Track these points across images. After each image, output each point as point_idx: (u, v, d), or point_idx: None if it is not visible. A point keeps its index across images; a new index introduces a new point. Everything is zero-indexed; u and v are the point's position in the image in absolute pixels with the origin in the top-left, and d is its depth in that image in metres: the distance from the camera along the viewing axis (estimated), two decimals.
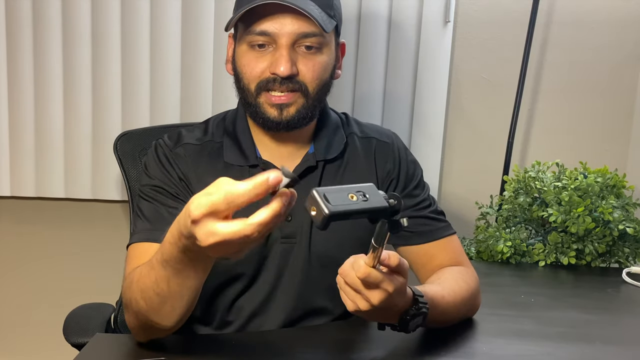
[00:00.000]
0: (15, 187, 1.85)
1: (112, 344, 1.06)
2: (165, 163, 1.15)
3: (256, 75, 1.11)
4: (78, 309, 1.38)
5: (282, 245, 1.16)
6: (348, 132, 1.25)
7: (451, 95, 1.84)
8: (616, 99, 1.85)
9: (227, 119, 1.23)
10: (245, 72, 1.13)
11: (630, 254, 1.57)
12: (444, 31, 1.77)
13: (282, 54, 1.08)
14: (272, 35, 1.09)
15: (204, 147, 1.18)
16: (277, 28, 1.08)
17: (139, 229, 1.11)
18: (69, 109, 1.80)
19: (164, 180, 1.14)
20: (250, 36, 1.10)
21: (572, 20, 1.81)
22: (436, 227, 1.22)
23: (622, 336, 1.16)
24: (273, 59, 1.09)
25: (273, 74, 1.09)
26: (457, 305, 1.07)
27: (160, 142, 1.19)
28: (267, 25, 1.08)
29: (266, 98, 1.11)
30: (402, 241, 1.23)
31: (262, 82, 1.11)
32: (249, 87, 1.12)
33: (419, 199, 1.23)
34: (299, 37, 1.09)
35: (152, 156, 1.18)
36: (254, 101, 1.13)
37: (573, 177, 1.57)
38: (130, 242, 1.10)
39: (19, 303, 2.00)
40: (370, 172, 1.23)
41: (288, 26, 1.08)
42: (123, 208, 1.90)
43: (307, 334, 1.14)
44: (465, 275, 1.15)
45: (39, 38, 1.77)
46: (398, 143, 1.27)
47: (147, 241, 1.07)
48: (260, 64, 1.11)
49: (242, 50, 1.13)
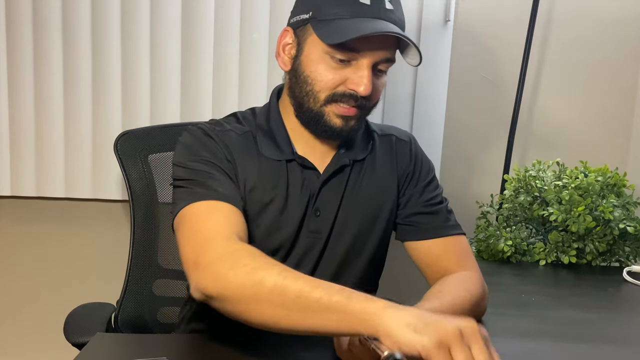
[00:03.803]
0: (16, 186, 1.85)
1: (113, 344, 1.06)
2: (214, 143, 1.13)
3: (330, 86, 1.09)
4: (78, 309, 1.38)
5: (309, 239, 1.17)
6: (370, 132, 1.26)
7: (451, 95, 1.84)
8: (616, 97, 1.85)
9: (259, 116, 1.21)
10: (318, 80, 1.09)
11: (631, 252, 1.57)
12: (444, 30, 1.77)
13: (366, 74, 1.07)
14: (359, 53, 1.07)
15: (244, 137, 1.17)
16: (367, 48, 1.06)
17: (195, 190, 1.03)
18: (69, 109, 1.80)
19: (212, 156, 1.10)
20: (335, 48, 1.06)
21: (572, 19, 1.81)
22: (444, 224, 1.23)
23: (623, 335, 1.15)
24: (354, 75, 1.07)
25: (352, 89, 1.08)
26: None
27: (203, 126, 1.16)
28: (360, 44, 1.05)
29: (335, 109, 1.10)
30: (409, 236, 1.24)
31: (337, 94, 1.09)
32: (318, 95, 1.10)
33: (430, 195, 1.24)
34: (382, 61, 1.09)
35: (198, 135, 1.14)
36: (319, 109, 1.11)
37: (573, 176, 1.57)
38: (188, 202, 1.01)
39: (19, 303, 2.00)
40: (391, 168, 1.24)
41: (377, 49, 1.07)
42: (123, 208, 1.90)
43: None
44: (468, 283, 1.14)
45: (39, 38, 1.77)
46: (415, 143, 1.30)
47: (214, 199, 1.01)
48: (337, 76, 1.08)
49: (318, 55, 1.09)
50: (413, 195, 1.24)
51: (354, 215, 1.20)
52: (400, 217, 1.25)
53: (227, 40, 1.77)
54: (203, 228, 0.97)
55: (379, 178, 1.23)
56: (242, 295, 0.86)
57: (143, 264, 1.41)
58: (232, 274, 0.87)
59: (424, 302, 1.07)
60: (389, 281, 1.48)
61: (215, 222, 0.98)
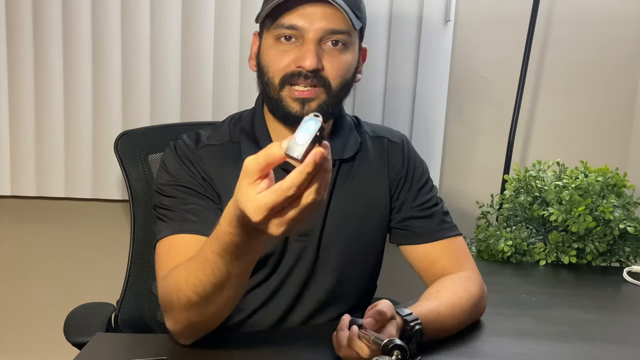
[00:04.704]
0: (16, 186, 1.85)
1: (113, 344, 1.06)
2: (188, 163, 1.15)
3: (281, 68, 1.10)
4: (78, 309, 1.38)
5: (297, 243, 1.17)
6: (360, 132, 1.25)
7: (451, 95, 1.84)
8: (617, 98, 1.85)
9: (244, 119, 1.22)
10: (270, 65, 1.12)
11: (631, 253, 1.57)
12: (444, 30, 1.77)
13: (309, 48, 1.08)
14: (300, 30, 1.08)
15: (223, 149, 1.17)
16: (306, 22, 1.08)
17: (167, 223, 1.09)
18: (69, 109, 1.80)
19: (187, 179, 1.13)
20: (278, 30, 1.10)
21: (572, 19, 1.81)
22: (440, 227, 1.22)
23: (623, 335, 1.15)
24: (299, 53, 1.09)
25: (298, 67, 1.09)
26: (456, 317, 1.06)
27: (180, 143, 1.18)
28: (297, 19, 1.08)
29: (289, 92, 1.10)
30: (404, 240, 1.23)
31: (287, 75, 1.10)
32: (273, 81, 1.12)
33: (424, 198, 1.24)
34: (327, 33, 1.09)
35: (173, 155, 1.17)
36: (277, 95, 1.12)
37: (574, 176, 1.57)
38: (159, 237, 1.08)
39: (19, 302, 2.00)
40: (383, 170, 1.24)
41: (317, 21, 1.08)
42: (123, 207, 1.90)
43: (308, 332, 1.14)
44: (467, 283, 1.14)
45: (39, 38, 1.77)
46: (408, 144, 1.29)
47: (178, 233, 1.06)
48: (286, 58, 1.10)
49: (268, 43, 1.12)
50: (407, 199, 1.23)
51: (345, 217, 1.19)
52: (395, 221, 1.24)
53: (227, 40, 1.77)
54: (159, 267, 1.06)
55: (370, 180, 1.22)
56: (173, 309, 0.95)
57: (143, 264, 1.41)
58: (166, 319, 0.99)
59: (422, 302, 1.07)
60: (389, 281, 1.48)
61: (168, 260, 1.03)
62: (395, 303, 1.06)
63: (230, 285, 0.89)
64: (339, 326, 0.94)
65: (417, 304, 1.05)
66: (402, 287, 1.55)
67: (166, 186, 1.14)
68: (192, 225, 1.07)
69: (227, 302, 0.93)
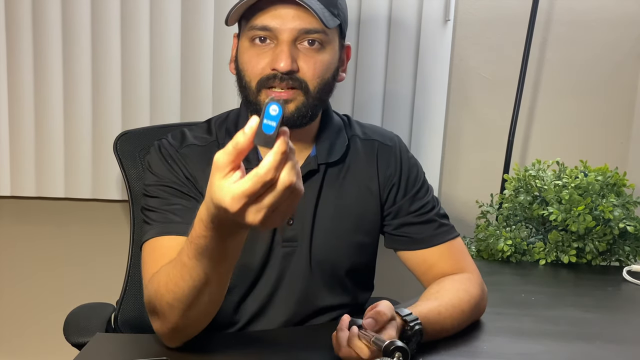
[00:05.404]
0: (16, 186, 1.85)
1: (113, 344, 1.06)
2: (172, 162, 1.14)
3: (257, 73, 1.09)
4: (78, 309, 1.38)
5: (284, 248, 1.16)
6: (350, 135, 1.23)
7: (451, 94, 1.84)
8: (616, 97, 1.85)
9: (229, 120, 1.21)
10: (246, 70, 1.11)
11: (631, 252, 1.57)
12: (444, 30, 1.77)
13: (283, 49, 1.07)
14: (273, 31, 1.07)
15: (208, 148, 1.16)
16: (278, 23, 1.07)
17: (151, 225, 1.09)
18: (69, 109, 1.80)
19: (171, 178, 1.13)
20: (251, 31, 1.09)
21: (572, 19, 1.81)
22: (437, 232, 1.21)
23: (623, 335, 1.15)
24: (274, 55, 1.08)
25: (273, 69, 1.08)
26: (456, 318, 1.06)
27: (164, 142, 1.18)
28: (269, 20, 1.07)
29: (266, 95, 1.09)
30: (402, 246, 1.22)
31: (263, 79, 1.09)
32: (250, 85, 1.11)
33: (420, 203, 1.22)
34: (301, 33, 1.07)
35: (157, 155, 1.16)
36: (255, 99, 1.11)
37: (573, 176, 1.57)
38: (144, 239, 1.08)
39: (19, 303, 2.00)
40: (372, 175, 1.22)
41: (290, 21, 1.06)
42: (123, 208, 1.90)
43: (308, 333, 1.14)
44: (467, 284, 1.14)
45: (39, 38, 1.77)
46: (400, 146, 1.26)
47: (162, 235, 1.06)
48: (261, 61, 1.09)
49: (244, 47, 1.11)
50: (403, 205, 1.22)
51: (334, 221, 1.18)
52: (392, 227, 1.22)
53: (227, 40, 1.77)
54: (144, 271, 1.06)
55: (358, 184, 1.20)
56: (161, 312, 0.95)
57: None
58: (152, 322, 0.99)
59: (422, 302, 1.06)
60: (389, 281, 1.48)
61: (153, 263, 1.03)
62: (395, 303, 1.06)
63: (209, 289, 0.89)
64: (339, 326, 0.94)
65: (417, 304, 1.04)
66: (402, 287, 1.56)
67: (151, 187, 1.13)
68: (176, 227, 1.06)
69: (209, 306, 0.93)
